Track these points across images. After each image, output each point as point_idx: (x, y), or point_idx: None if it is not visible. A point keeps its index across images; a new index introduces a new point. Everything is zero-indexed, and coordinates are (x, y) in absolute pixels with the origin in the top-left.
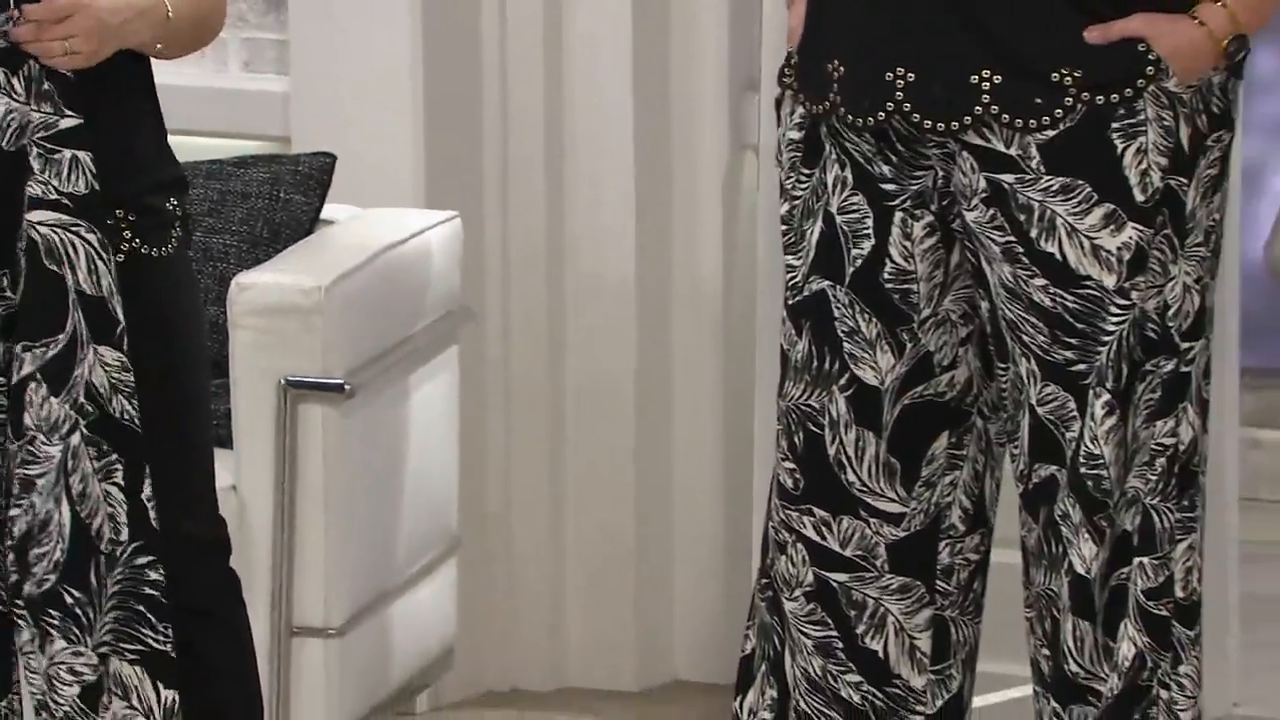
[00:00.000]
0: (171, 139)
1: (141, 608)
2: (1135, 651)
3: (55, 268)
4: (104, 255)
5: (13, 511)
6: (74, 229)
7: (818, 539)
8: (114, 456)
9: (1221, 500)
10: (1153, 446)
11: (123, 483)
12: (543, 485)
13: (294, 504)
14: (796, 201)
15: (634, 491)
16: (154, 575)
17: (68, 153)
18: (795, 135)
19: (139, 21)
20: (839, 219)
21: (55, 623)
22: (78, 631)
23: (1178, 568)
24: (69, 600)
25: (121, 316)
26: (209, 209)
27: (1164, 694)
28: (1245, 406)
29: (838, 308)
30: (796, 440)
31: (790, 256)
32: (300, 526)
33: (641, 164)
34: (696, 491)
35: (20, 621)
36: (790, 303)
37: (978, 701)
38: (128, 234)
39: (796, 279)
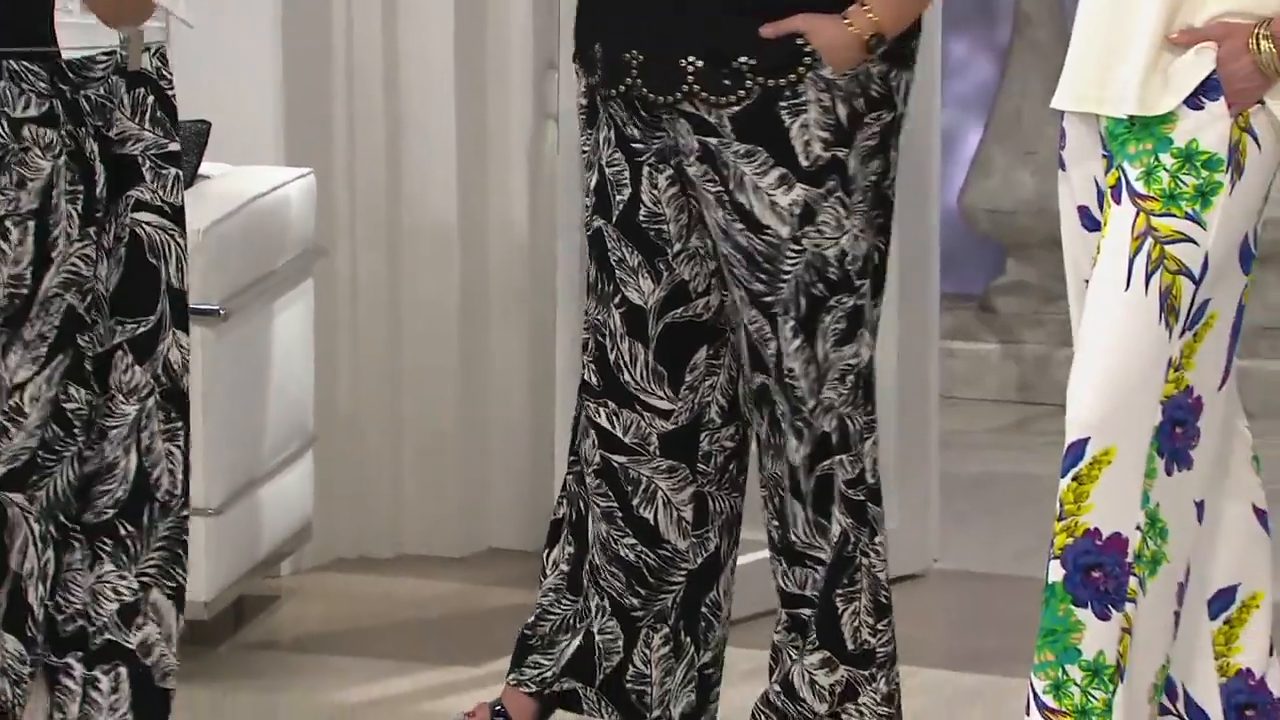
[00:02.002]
0: None
1: (180, 551)
2: (841, 530)
3: (154, 261)
4: (187, 259)
5: (85, 453)
6: (171, 232)
7: (608, 427)
8: (179, 423)
9: (925, 399)
10: (841, 367)
11: (182, 445)
12: (384, 390)
13: None
14: (585, 156)
15: (458, 394)
16: (189, 526)
17: (172, 170)
18: (582, 103)
19: None
20: (607, 170)
21: (107, 549)
22: (125, 559)
23: (867, 461)
24: (122, 532)
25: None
26: None
27: (864, 560)
28: (943, 324)
29: (609, 241)
30: (592, 346)
31: (586, 199)
32: None
33: (463, 128)
34: (509, 392)
35: (75, 543)
36: (586, 236)
37: (743, 560)
38: None
39: (587, 217)
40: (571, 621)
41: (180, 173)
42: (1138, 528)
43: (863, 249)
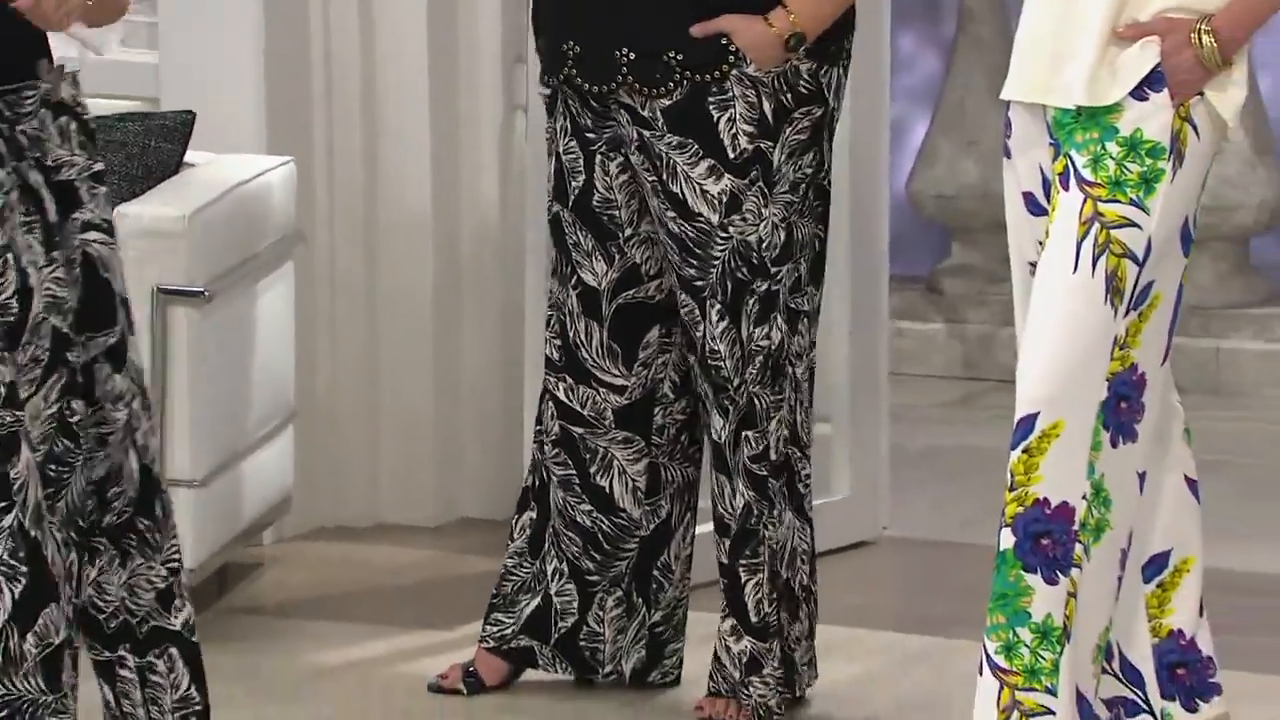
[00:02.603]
0: None
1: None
2: (745, 503)
3: (106, 276)
4: (122, 267)
5: (90, 460)
6: (112, 246)
7: (565, 400)
8: (149, 424)
9: (875, 375)
10: (752, 348)
11: (158, 438)
12: (361, 368)
13: (166, 385)
14: (548, 143)
15: (432, 371)
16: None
17: (102, 189)
18: (546, 93)
19: None
20: (563, 158)
21: (133, 544)
22: (149, 550)
23: (772, 438)
24: (140, 527)
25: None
26: None
27: (765, 532)
28: (892, 304)
29: (566, 225)
30: (554, 323)
31: (549, 185)
32: (170, 403)
33: (436, 120)
34: (480, 370)
35: (99, 547)
36: (548, 220)
37: (703, 529)
38: None
39: (549, 203)
40: (531, 583)
41: (106, 191)
42: (1084, 497)
43: (780, 237)
